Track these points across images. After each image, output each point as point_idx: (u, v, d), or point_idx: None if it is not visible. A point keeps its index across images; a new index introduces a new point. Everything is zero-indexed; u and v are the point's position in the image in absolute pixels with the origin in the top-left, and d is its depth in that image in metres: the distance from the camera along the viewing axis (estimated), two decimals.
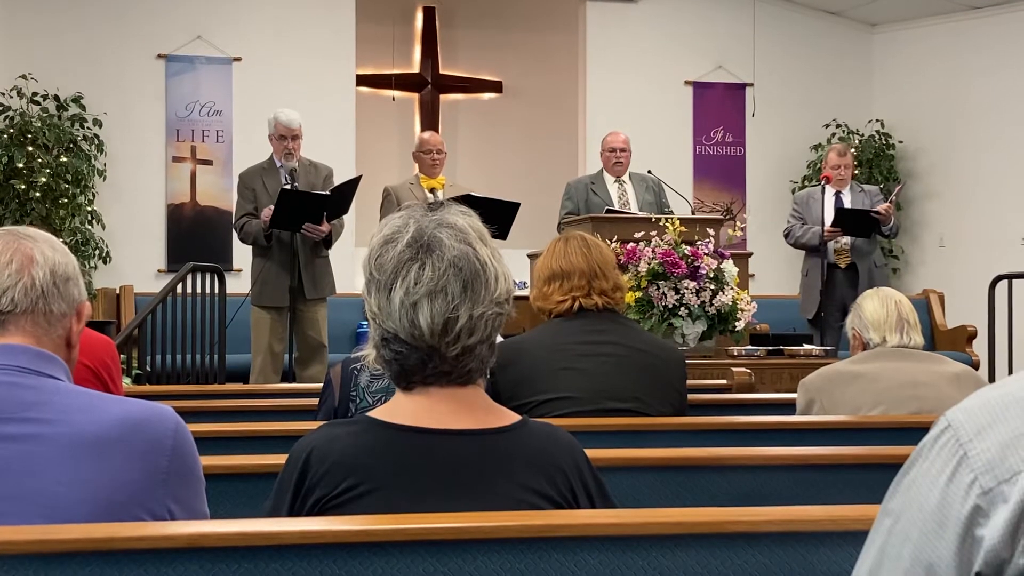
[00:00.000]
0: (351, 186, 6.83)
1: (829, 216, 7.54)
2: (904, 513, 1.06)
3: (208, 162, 10.00)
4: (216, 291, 7.29)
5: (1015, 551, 0.98)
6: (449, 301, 1.74)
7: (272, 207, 6.60)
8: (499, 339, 1.87)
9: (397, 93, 11.29)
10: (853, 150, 9.16)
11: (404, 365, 1.78)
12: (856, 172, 8.14)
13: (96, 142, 9.66)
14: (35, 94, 9.54)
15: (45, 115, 9.50)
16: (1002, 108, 10.63)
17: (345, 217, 7.06)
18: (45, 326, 1.79)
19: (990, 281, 8.30)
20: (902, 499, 1.07)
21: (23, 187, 9.19)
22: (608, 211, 7.09)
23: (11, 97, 9.50)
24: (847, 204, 7.70)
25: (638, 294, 6.09)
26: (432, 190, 7.28)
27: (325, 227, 6.72)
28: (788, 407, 3.81)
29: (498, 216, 6.38)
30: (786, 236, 7.95)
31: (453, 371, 1.78)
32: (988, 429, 1.02)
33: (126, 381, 5.51)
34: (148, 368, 6.93)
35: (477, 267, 1.77)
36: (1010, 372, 7.66)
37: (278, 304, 6.83)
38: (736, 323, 6.24)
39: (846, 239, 7.64)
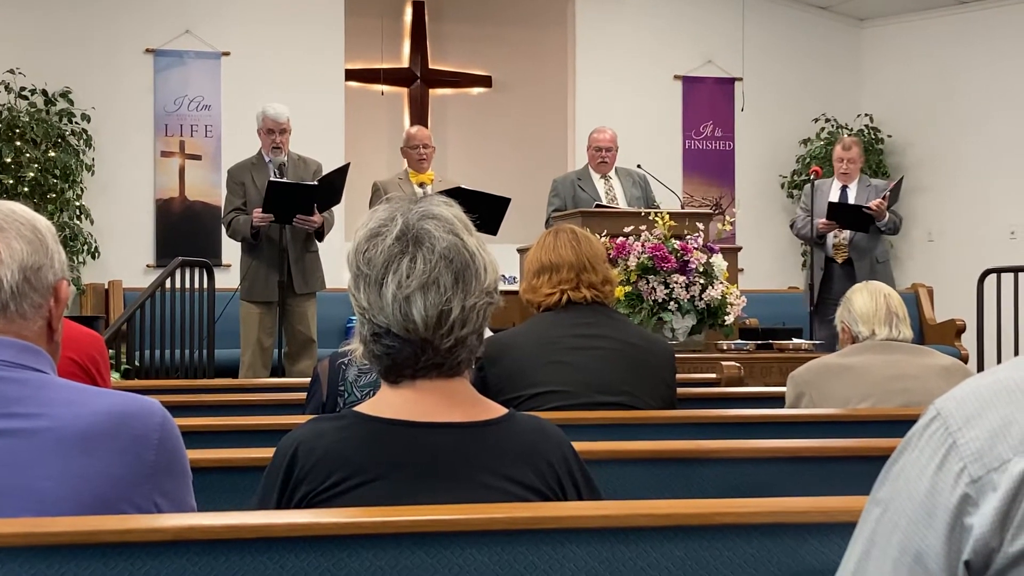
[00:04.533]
0: (340, 175, 6.82)
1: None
2: (892, 502, 1.06)
3: (197, 157, 9.98)
4: (205, 286, 7.28)
5: (1004, 539, 0.98)
6: (442, 293, 1.74)
7: (261, 209, 6.60)
8: (488, 333, 1.87)
9: (386, 88, 11.26)
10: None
11: (396, 359, 1.78)
12: None
13: (84, 137, 9.63)
14: (23, 89, 9.51)
15: (33, 110, 9.47)
16: (991, 102, 10.66)
17: (335, 211, 7.06)
18: (22, 321, 1.75)
19: (979, 275, 8.32)
20: (891, 488, 1.07)
21: (11, 182, 9.16)
22: (597, 206, 7.09)
23: None
24: (852, 198, 7.68)
25: (628, 288, 6.09)
26: (421, 185, 7.28)
27: (317, 218, 6.72)
28: (777, 400, 3.82)
29: (488, 211, 6.38)
30: (791, 227, 7.99)
31: (445, 363, 1.78)
32: (977, 418, 1.02)
33: (115, 376, 5.50)
34: (137, 363, 6.92)
35: (467, 258, 1.77)
36: None
37: (267, 299, 6.83)
38: (725, 317, 6.25)
39: (845, 234, 7.63)
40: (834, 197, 7.66)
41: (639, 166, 7.77)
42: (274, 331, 6.91)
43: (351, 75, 10.87)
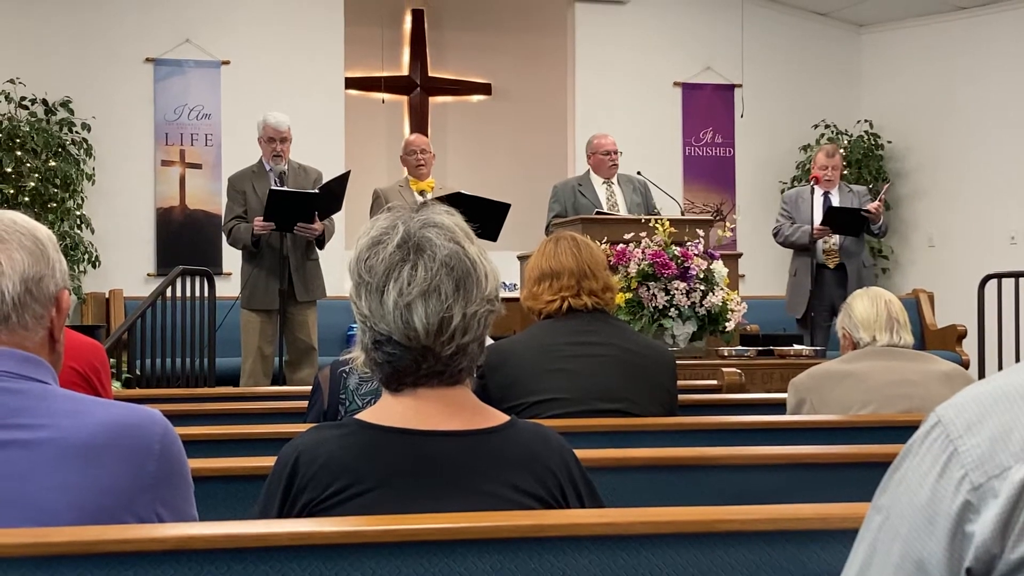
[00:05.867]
0: (340, 183, 6.83)
1: (818, 216, 7.57)
2: (894, 509, 1.06)
3: (197, 166, 9.98)
4: (206, 294, 7.28)
5: (1005, 546, 0.98)
6: (443, 301, 1.74)
7: (262, 218, 6.61)
8: (489, 341, 1.87)
9: (386, 96, 11.28)
10: (842, 151, 9.17)
11: (397, 367, 1.78)
12: (845, 172, 8.17)
13: (85, 146, 9.63)
14: (23, 98, 9.51)
15: (33, 120, 9.47)
16: (990, 107, 10.66)
17: (335, 219, 7.06)
18: (24, 332, 1.74)
19: (979, 280, 8.32)
20: (892, 495, 1.07)
21: (11, 192, 9.16)
22: (598, 213, 7.09)
23: None
24: (835, 204, 7.72)
25: (628, 295, 6.09)
26: (422, 192, 7.29)
27: (318, 226, 6.73)
28: (778, 407, 3.81)
29: (488, 217, 6.38)
30: (775, 235, 7.98)
31: (446, 371, 1.78)
32: (978, 424, 1.02)
33: (116, 385, 5.50)
34: (138, 372, 6.91)
35: (468, 266, 1.77)
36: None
37: (268, 307, 6.83)
38: (726, 324, 6.24)
39: (835, 239, 7.67)
40: (819, 203, 7.70)
41: (639, 173, 7.77)
42: (275, 339, 6.91)
43: (351, 83, 10.88)
